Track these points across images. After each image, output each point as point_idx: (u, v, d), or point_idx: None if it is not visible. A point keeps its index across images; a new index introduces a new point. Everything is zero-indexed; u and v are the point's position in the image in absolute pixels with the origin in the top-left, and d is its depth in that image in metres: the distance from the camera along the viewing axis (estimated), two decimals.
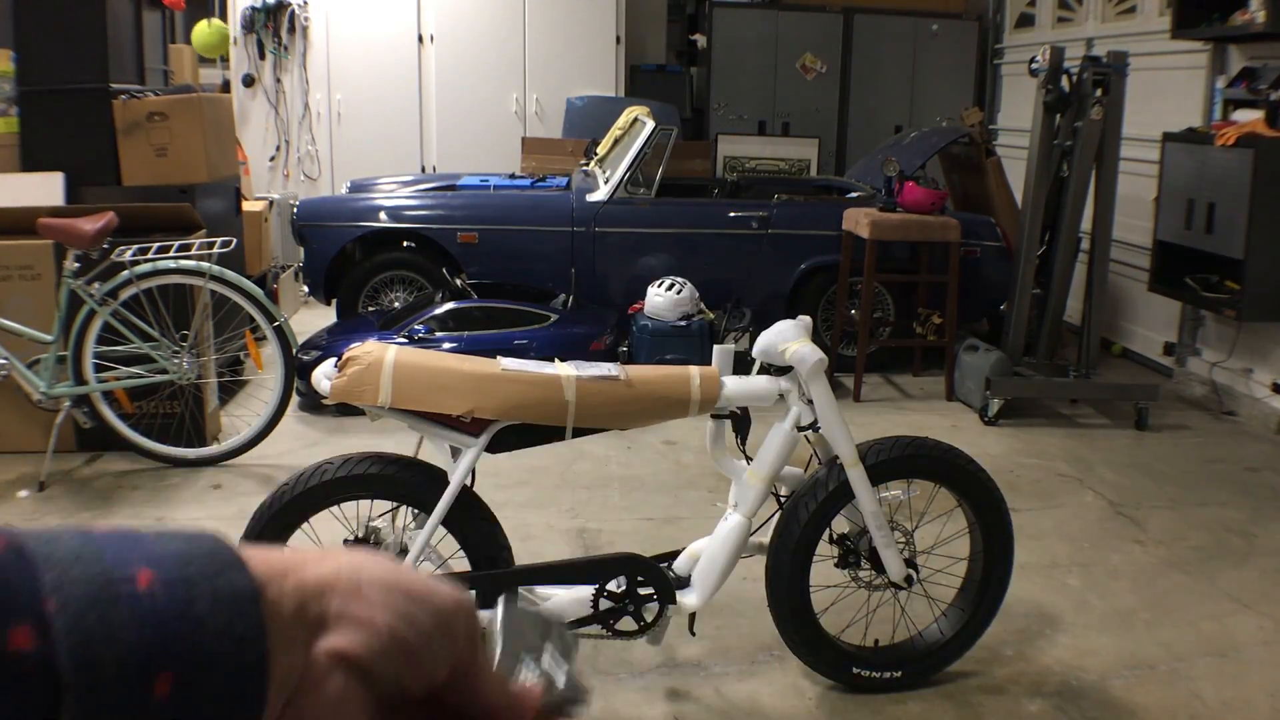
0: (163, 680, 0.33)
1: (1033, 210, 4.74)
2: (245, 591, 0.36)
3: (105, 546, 0.35)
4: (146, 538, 0.36)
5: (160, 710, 0.33)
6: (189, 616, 0.34)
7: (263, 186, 7.17)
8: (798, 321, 2.31)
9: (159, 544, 0.36)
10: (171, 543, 0.36)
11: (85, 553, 0.34)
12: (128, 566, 0.34)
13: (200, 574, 0.35)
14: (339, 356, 2.08)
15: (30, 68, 4.29)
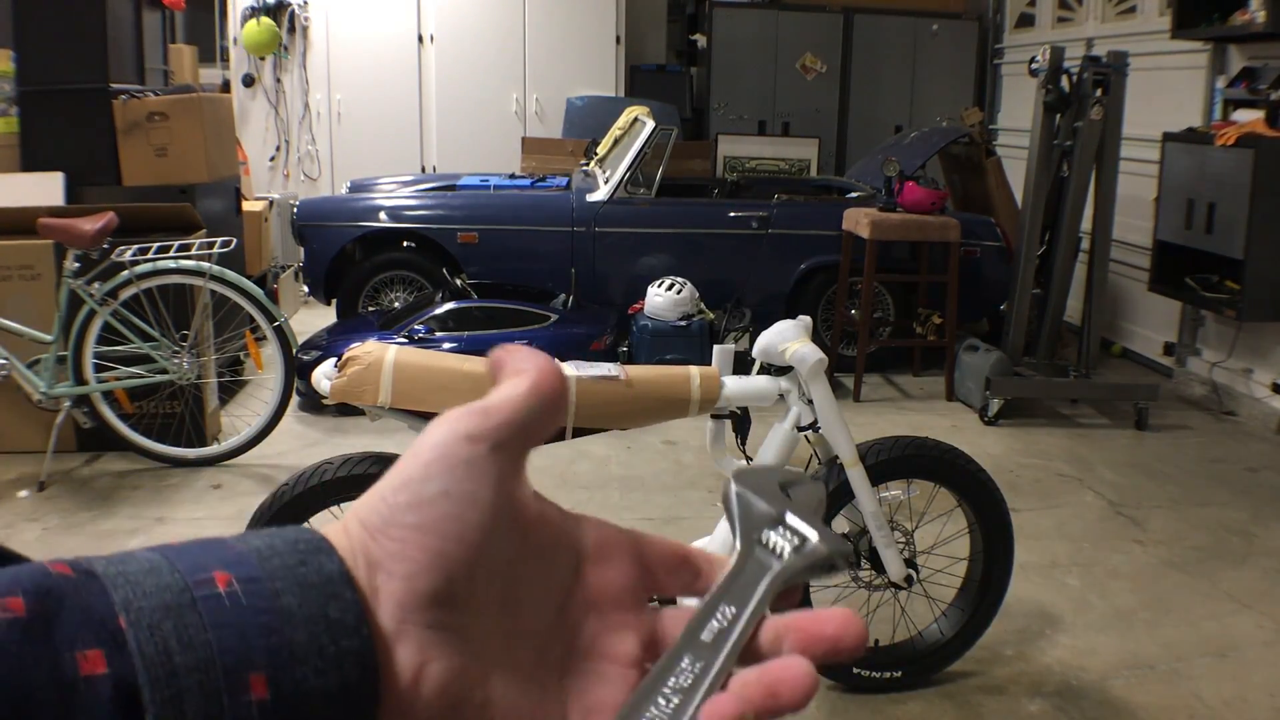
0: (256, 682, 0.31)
1: (1033, 210, 4.74)
2: (334, 574, 0.33)
3: (180, 557, 0.32)
4: (226, 541, 0.34)
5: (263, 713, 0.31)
6: (275, 610, 0.32)
7: (263, 186, 7.17)
8: (798, 321, 2.31)
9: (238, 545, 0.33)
10: (253, 541, 0.34)
11: (158, 564, 0.32)
12: (204, 571, 0.32)
13: (283, 565, 0.33)
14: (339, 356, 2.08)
15: (30, 68, 4.29)
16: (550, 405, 0.38)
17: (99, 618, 0.30)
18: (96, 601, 0.30)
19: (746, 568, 0.39)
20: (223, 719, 0.30)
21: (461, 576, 0.35)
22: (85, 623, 0.30)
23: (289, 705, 0.31)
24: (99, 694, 0.29)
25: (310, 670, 0.31)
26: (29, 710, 0.28)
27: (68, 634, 0.29)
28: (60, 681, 0.29)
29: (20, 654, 0.28)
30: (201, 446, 3.91)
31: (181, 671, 0.30)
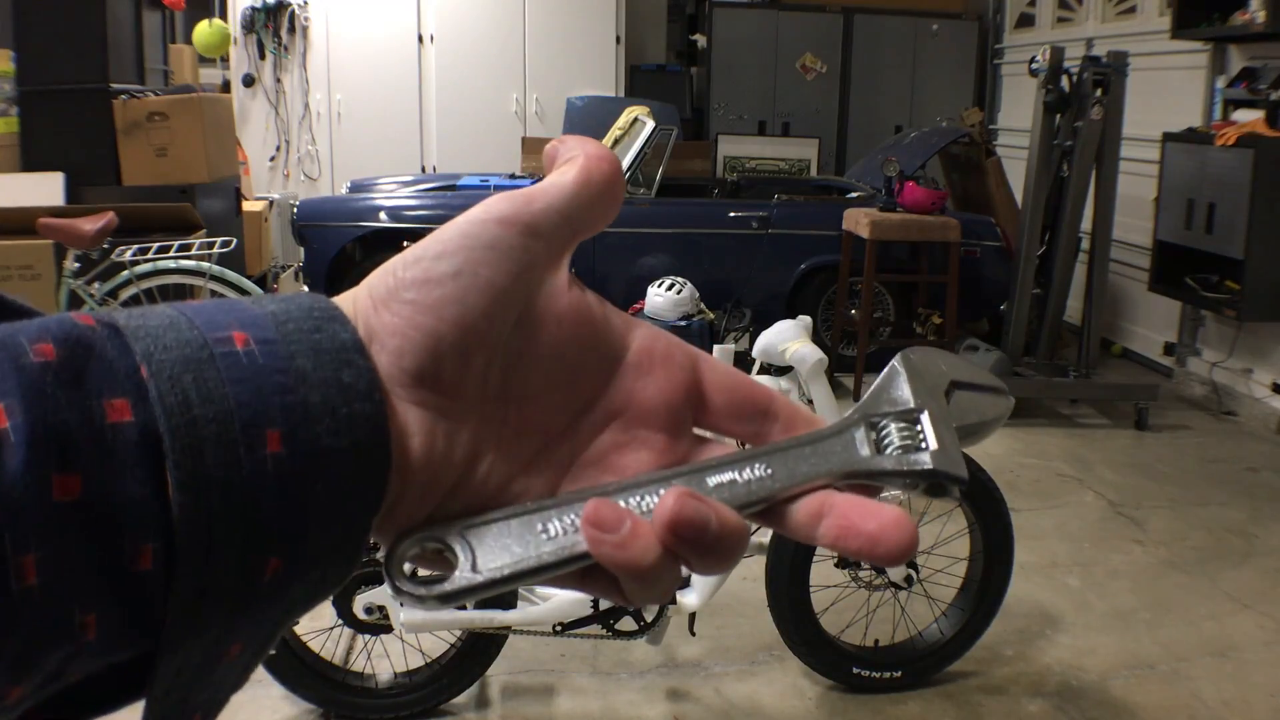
0: (271, 437, 0.31)
1: (1033, 210, 4.73)
2: (348, 342, 0.33)
3: (197, 315, 0.33)
4: (240, 303, 0.34)
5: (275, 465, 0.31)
6: (290, 371, 0.32)
7: (263, 186, 7.17)
8: (798, 321, 2.31)
9: (254, 307, 0.34)
10: (268, 304, 0.34)
11: (178, 321, 0.32)
12: (222, 329, 0.32)
13: (298, 329, 0.33)
14: None
15: (30, 68, 4.29)
16: (598, 194, 0.38)
17: (124, 368, 0.31)
18: (120, 353, 0.31)
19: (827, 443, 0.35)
20: (239, 468, 0.31)
21: (452, 360, 0.35)
22: (111, 372, 0.31)
23: (303, 461, 0.31)
24: (126, 440, 0.30)
25: (324, 430, 0.32)
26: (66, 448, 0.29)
27: (95, 382, 0.30)
28: (91, 425, 0.29)
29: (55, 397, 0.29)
30: None
31: (200, 422, 0.30)
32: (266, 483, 0.31)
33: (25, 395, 0.29)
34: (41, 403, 0.29)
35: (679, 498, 0.33)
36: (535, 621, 2.23)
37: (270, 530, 0.31)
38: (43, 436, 0.29)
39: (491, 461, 0.36)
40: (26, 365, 0.29)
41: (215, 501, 0.30)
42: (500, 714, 2.41)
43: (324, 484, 0.32)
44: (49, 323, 0.31)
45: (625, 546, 0.32)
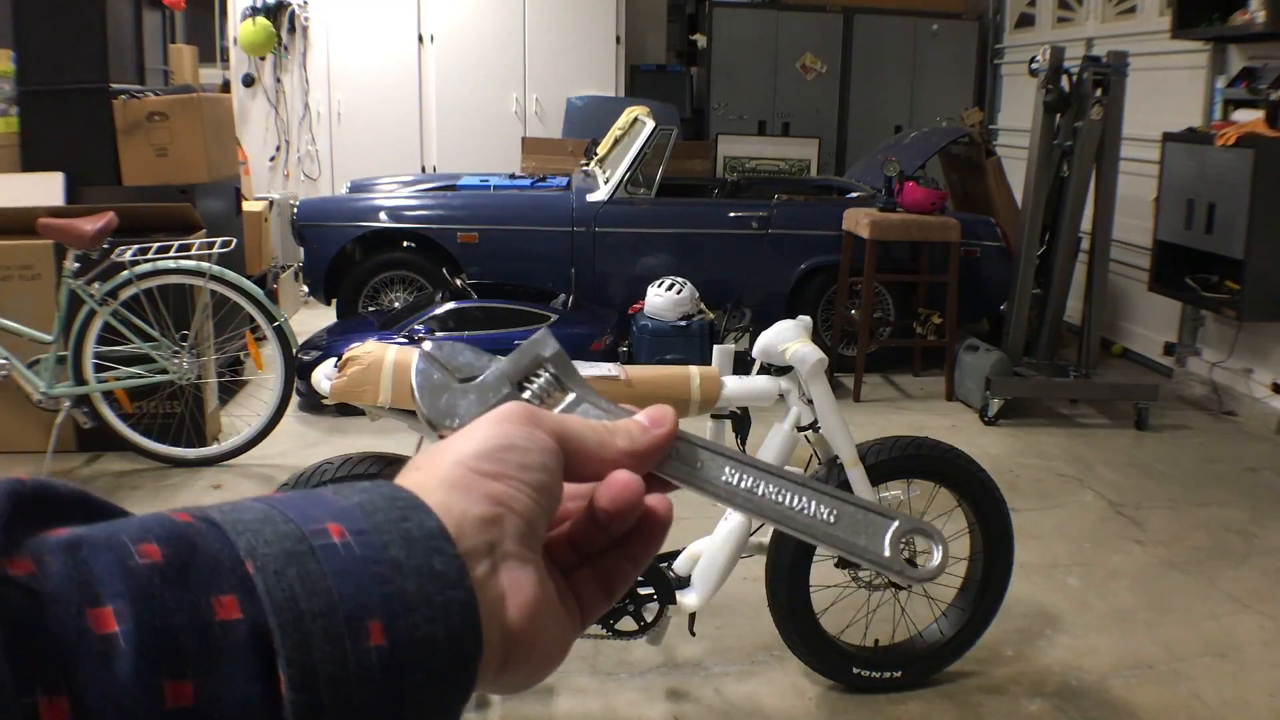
0: (374, 629, 0.32)
1: (1033, 210, 4.73)
2: (435, 530, 0.35)
3: (289, 507, 0.34)
4: (325, 495, 0.36)
5: (379, 658, 0.32)
6: (386, 561, 0.33)
7: (263, 186, 7.16)
8: (798, 321, 2.31)
9: (339, 498, 0.35)
10: (352, 495, 0.36)
11: (271, 514, 0.33)
12: (316, 522, 0.34)
13: (387, 520, 0.34)
14: (339, 356, 2.08)
15: (30, 68, 4.29)
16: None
17: (229, 564, 0.31)
18: (223, 548, 0.32)
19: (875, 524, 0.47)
20: (345, 663, 0.31)
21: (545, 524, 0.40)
22: (216, 568, 0.31)
23: (404, 651, 0.32)
24: (236, 638, 0.30)
25: (421, 618, 0.33)
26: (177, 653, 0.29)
27: (202, 579, 0.31)
28: (200, 625, 0.30)
29: (163, 598, 0.30)
30: (201, 446, 3.91)
31: (307, 616, 0.31)
32: (371, 675, 0.32)
33: (134, 598, 0.29)
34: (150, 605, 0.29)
35: None
36: None
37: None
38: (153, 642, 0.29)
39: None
40: (134, 567, 0.30)
41: (325, 697, 0.31)
42: (500, 714, 2.41)
43: (423, 673, 0.33)
44: (149, 522, 0.32)
45: None
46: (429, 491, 0.37)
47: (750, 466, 0.46)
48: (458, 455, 0.39)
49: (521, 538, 0.38)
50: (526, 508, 0.39)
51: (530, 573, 0.38)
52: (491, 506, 0.38)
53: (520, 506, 0.38)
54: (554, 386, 0.47)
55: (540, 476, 0.40)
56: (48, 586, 0.29)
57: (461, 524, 0.36)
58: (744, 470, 0.46)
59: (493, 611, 0.36)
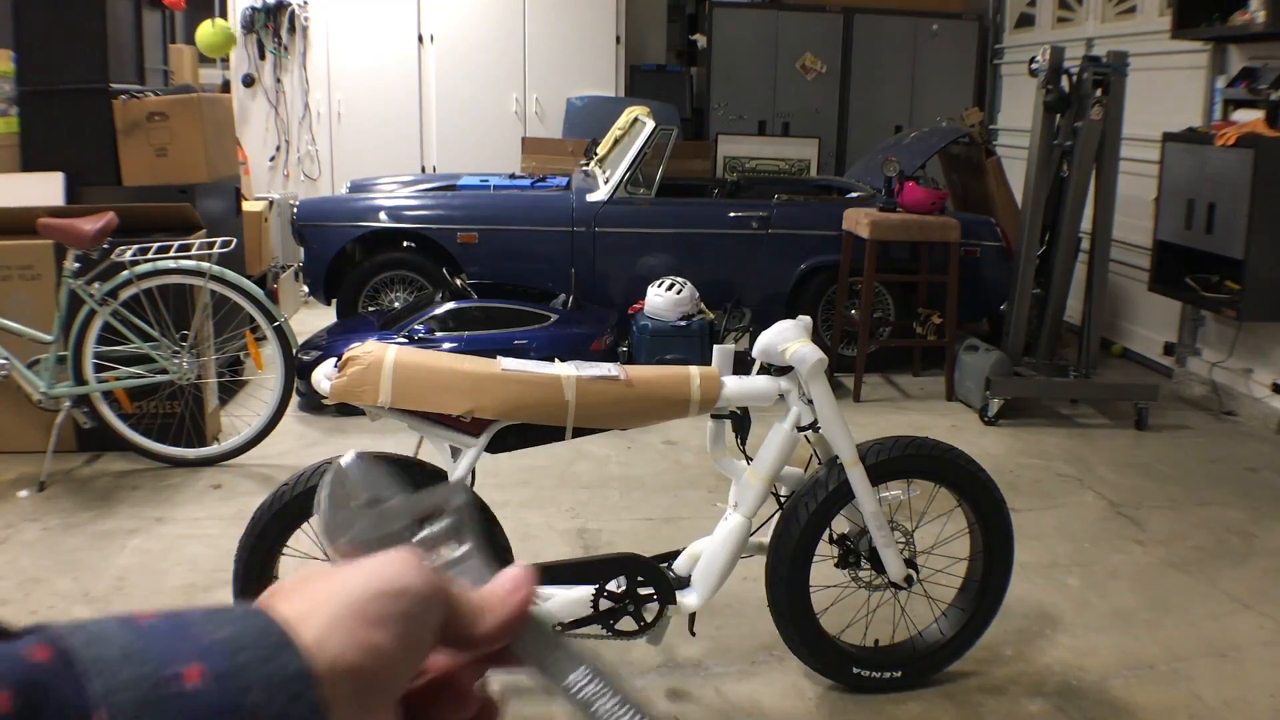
0: None
1: (1033, 210, 4.74)
2: (298, 673, 0.35)
3: (152, 642, 0.34)
4: (194, 624, 0.35)
5: None
6: (242, 709, 0.33)
7: (263, 186, 7.17)
8: (798, 321, 2.31)
9: (207, 630, 0.35)
10: (221, 628, 0.35)
11: (133, 651, 0.33)
12: (176, 663, 0.33)
13: (251, 659, 0.34)
14: (339, 356, 2.08)
15: (30, 68, 4.29)
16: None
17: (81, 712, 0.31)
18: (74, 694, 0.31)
19: None
20: None
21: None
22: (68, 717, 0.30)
23: None
24: None
25: None
26: None
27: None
28: None
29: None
30: (201, 446, 3.91)
31: None
32: None
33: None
34: None
35: None
36: None
37: None
38: None
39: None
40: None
41: None
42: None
43: None
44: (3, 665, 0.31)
45: None
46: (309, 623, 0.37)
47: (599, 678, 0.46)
48: (350, 592, 0.39)
49: (385, 691, 0.39)
50: (396, 663, 0.39)
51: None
52: (365, 657, 0.38)
53: (390, 662, 0.39)
54: (451, 534, 0.48)
55: (419, 635, 0.40)
56: None
57: (333, 668, 0.36)
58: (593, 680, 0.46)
59: None
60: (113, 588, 2.91)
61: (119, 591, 2.89)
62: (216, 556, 3.07)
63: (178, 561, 3.08)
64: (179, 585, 2.93)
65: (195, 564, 3.06)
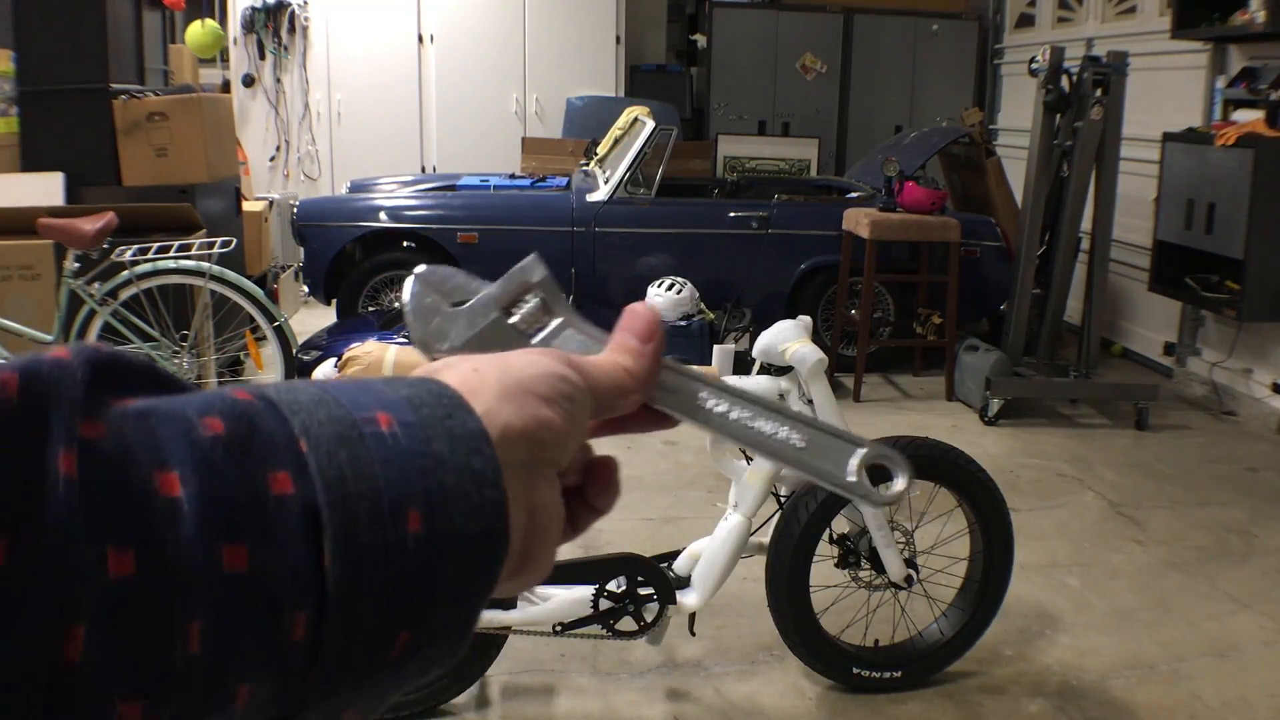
0: (413, 517, 0.34)
1: (1033, 210, 4.73)
2: (477, 431, 0.37)
3: (340, 394, 0.36)
4: (376, 385, 0.37)
5: (416, 546, 0.33)
6: (430, 454, 0.35)
7: (263, 186, 7.16)
8: (798, 321, 2.31)
9: (388, 390, 0.37)
10: (401, 388, 0.37)
11: (325, 398, 0.35)
12: (366, 409, 0.35)
13: (433, 415, 0.36)
14: (339, 356, 2.08)
15: (30, 68, 4.29)
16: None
17: (284, 442, 0.33)
18: (279, 427, 0.33)
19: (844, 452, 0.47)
20: (385, 546, 0.33)
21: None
22: (273, 445, 0.33)
23: (438, 541, 0.34)
24: (290, 512, 0.32)
25: (458, 513, 0.35)
26: (234, 520, 0.31)
27: (260, 454, 0.32)
28: (257, 496, 0.32)
29: (225, 469, 0.31)
30: None
31: (354, 498, 0.33)
32: (408, 561, 0.33)
33: (198, 467, 0.31)
34: (212, 474, 0.31)
35: None
36: (535, 621, 2.23)
37: (407, 606, 0.34)
38: (213, 508, 0.31)
39: None
40: (198, 439, 0.32)
41: (364, 576, 0.33)
42: (500, 714, 2.41)
43: (455, 565, 0.35)
44: (212, 398, 0.33)
45: None
46: (478, 395, 0.38)
47: (724, 391, 0.48)
48: (517, 370, 0.41)
49: (551, 461, 0.40)
50: (561, 435, 0.40)
51: (554, 491, 0.41)
52: (534, 425, 0.39)
53: (558, 434, 0.40)
54: (541, 311, 0.49)
55: (581, 415, 0.42)
56: (119, 450, 0.30)
57: (505, 432, 0.38)
58: (718, 395, 0.48)
59: (518, 518, 0.37)
60: None
61: None
62: None
63: None
64: None
65: None
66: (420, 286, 0.48)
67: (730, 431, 0.47)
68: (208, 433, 0.32)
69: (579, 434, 0.42)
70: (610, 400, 0.45)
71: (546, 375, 0.41)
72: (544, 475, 0.40)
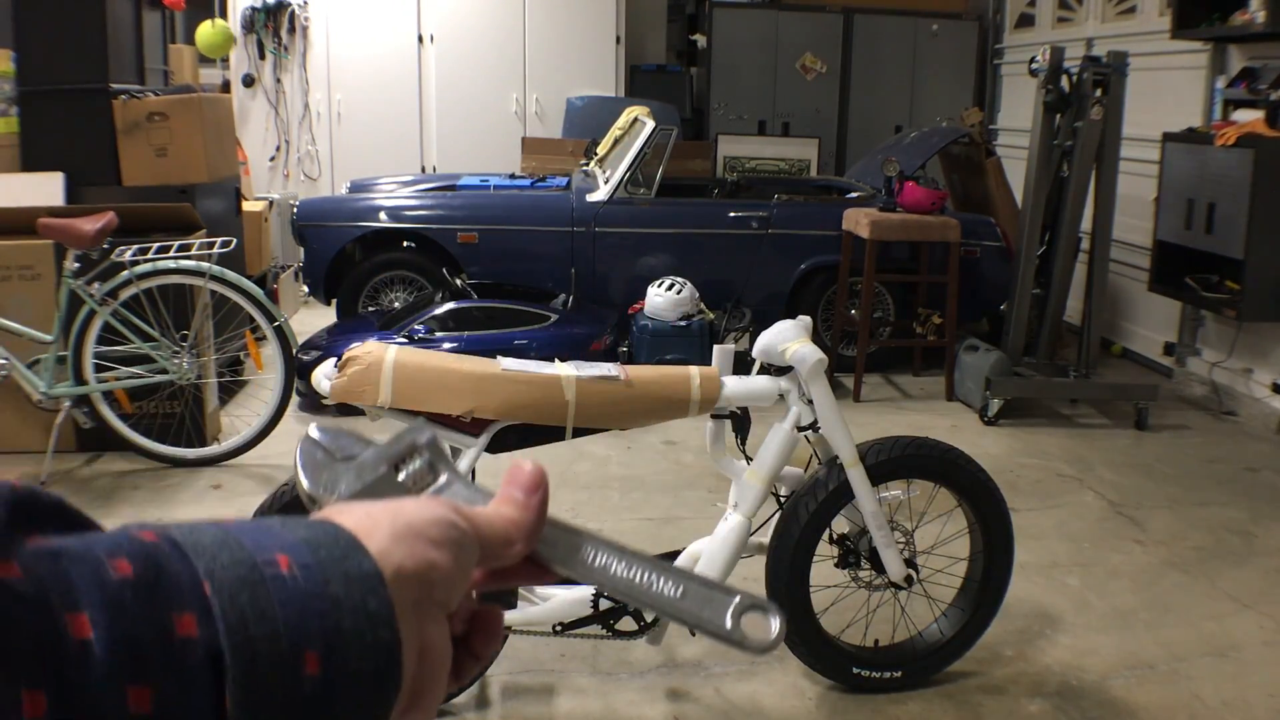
0: (311, 659, 0.35)
1: (1033, 210, 4.73)
2: (372, 572, 0.38)
3: (242, 535, 0.37)
4: (275, 526, 0.38)
5: (313, 688, 0.34)
6: (327, 596, 0.36)
7: (263, 186, 7.17)
8: (798, 321, 2.31)
9: (287, 532, 0.38)
10: (299, 530, 0.38)
11: (229, 540, 0.36)
12: (267, 551, 0.36)
13: (330, 557, 0.37)
14: (339, 356, 2.08)
15: (30, 68, 4.29)
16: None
17: (189, 583, 0.34)
18: (185, 568, 0.34)
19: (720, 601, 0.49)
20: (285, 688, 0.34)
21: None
22: (179, 587, 0.34)
23: (334, 683, 0.35)
24: (194, 654, 0.33)
25: (353, 654, 0.36)
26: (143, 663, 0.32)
27: (167, 596, 0.33)
28: (164, 639, 0.33)
29: (133, 611, 0.32)
30: (201, 446, 3.91)
31: (256, 640, 0.34)
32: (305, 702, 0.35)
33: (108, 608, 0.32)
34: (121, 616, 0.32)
35: None
36: (535, 621, 2.23)
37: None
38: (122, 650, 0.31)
39: None
40: (108, 580, 0.32)
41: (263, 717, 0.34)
42: (500, 714, 2.41)
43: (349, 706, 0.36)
44: (121, 539, 0.34)
45: None
46: (371, 537, 0.40)
47: (605, 546, 0.50)
48: (410, 516, 0.42)
49: (441, 603, 0.42)
50: (451, 580, 0.42)
51: (444, 633, 0.42)
52: (425, 567, 0.40)
53: (447, 576, 0.42)
54: (428, 470, 0.51)
55: (467, 561, 0.43)
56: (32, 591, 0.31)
57: (398, 573, 0.39)
58: (600, 549, 0.50)
59: (410, 658, 0.39)
60: None
61: None
62: None
63: None
64: None
65: None
66: (310, 444, 0.51)
67: (610, 585, 0.49)
68: (117, 574, 0.33)
69: (466, 579, 0.43)
70: (495, 549, 0.46)
71: (437, 520, 0.42)
72: (434, 617, 0.41)
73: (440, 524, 0.42)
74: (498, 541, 0.46)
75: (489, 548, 0.46)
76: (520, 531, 0.47)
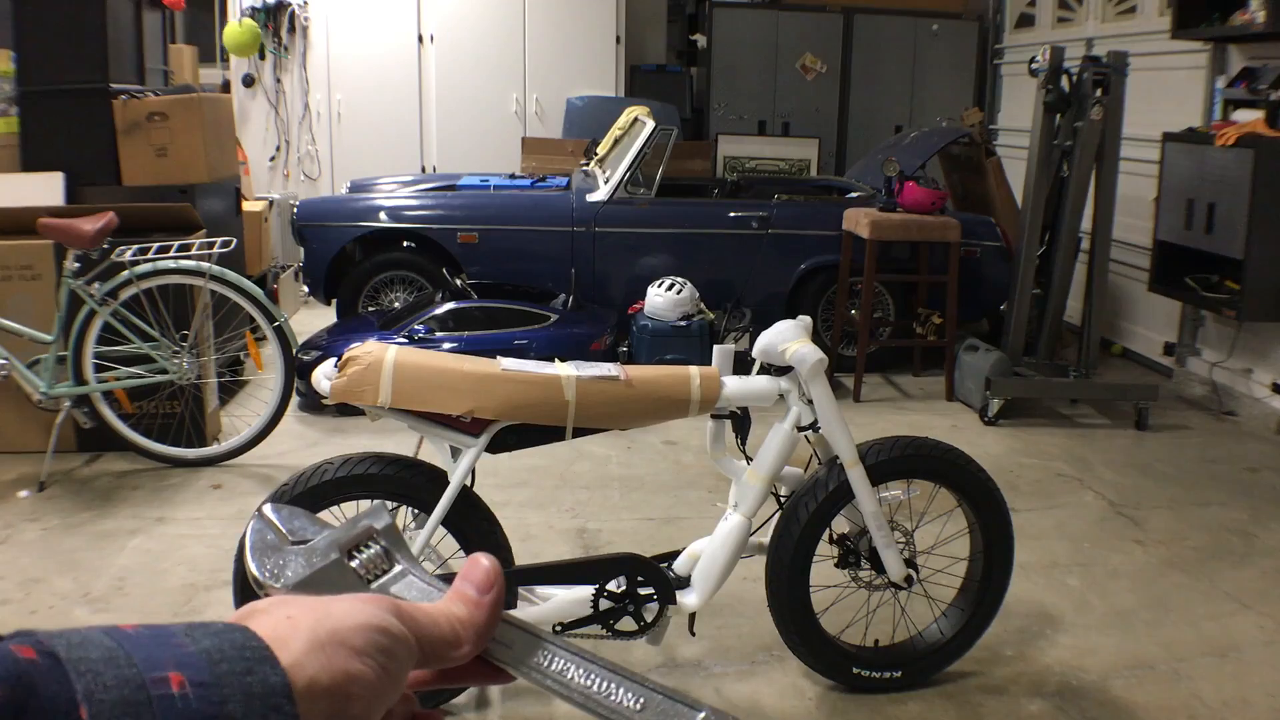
0: None
1: (1033, 210, 4.73)
2: (277, 687, 0.36)
3: (136, 648, 0.34)
4: (176, 636, 0.36)
5: None
6: (222, 716, 0.34)
7: (263, 186, 7.17)
8: (798, 321, 2.31)
9: (189, 642, 0.35)
10: (202, 639, 0.36)
11: (117, 655, 0.34)
12: (157, 669, 0.34)
13: (231, 671, 0.35)
14: (339, 356, 2.08)
15: (30, 68, 4.29)
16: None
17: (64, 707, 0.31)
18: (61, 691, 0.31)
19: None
20: None
21: None
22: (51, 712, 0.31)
23: None
24: None
25: None
26: None
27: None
28: None
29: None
30: (201, 446, 3.91)
31: None
32: None
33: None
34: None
35: None
36: (535, 621, 2.23)
37: None
38: None
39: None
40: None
41: None
42: (500, 714, 2.41)
43: None
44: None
45: None
46: (286, 646, 0.37)
47: (564, 650, 0.48)
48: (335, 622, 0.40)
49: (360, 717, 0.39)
50: (373, 693, 0.39)
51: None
52: (343, 679, 0.38)
53: (368, 689, 0.39)
54: (382, 559, 0.49)
55: (397, 670, 0.41)
56: None
57: (310, 687, 0.37)
58: (559, 653, 0.48)
59: None
60: (113, 588, 2.91)
61: (119, 592, 2.89)
62: (216, 557, 3.07)
63: (178, 562, 3.07)
64: (179, 585, 2.93)
65: (195, 564, 3.05)
66: (261, 524, 0.49)
67: (566, 694, 0.47)
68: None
69: (397, 688, 0.41)
70: (439, 651, 0.44)
71: (363, 626, 0.40)
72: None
73: (368, 629, 0.40)
74: (442, 643, 0.44)
75: (432, 649, 0.43)
76: (469, 632, 0.45)
